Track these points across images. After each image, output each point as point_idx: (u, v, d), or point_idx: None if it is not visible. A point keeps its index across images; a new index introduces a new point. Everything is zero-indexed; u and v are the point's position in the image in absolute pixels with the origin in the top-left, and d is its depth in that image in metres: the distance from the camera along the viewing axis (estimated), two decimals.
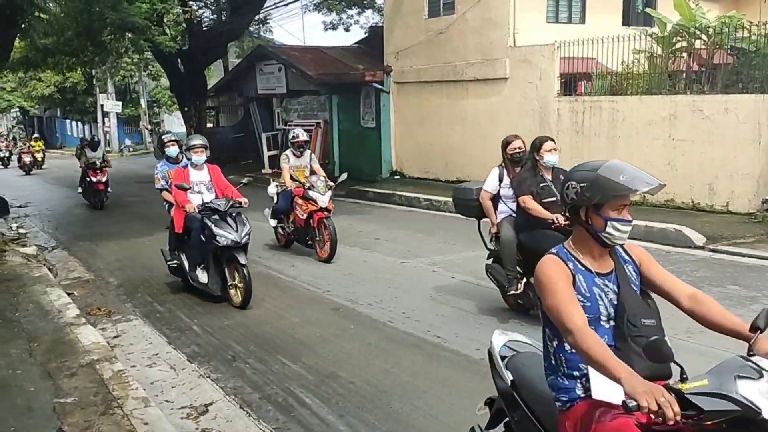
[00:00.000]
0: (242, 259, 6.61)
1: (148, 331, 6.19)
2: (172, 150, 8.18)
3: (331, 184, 8.79)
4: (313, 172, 9.03)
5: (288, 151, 9.17)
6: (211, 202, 6.94)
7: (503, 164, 6.16)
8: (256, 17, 24.30)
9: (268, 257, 9.16)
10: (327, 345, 5.62)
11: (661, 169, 10.82)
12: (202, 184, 7.18)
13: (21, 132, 54.43)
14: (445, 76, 15.22)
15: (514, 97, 13.61)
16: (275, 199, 9.43)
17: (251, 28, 25.65)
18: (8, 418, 4.03)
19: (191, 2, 22.38)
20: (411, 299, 6.80)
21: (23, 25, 11.35)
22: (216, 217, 6.75)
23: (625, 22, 14.82)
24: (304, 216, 8.70)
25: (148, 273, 8.53)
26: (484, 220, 6.38)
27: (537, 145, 5.83)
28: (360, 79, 17.07)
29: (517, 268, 5.91)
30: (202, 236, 6.80)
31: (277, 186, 9.39)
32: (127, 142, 38.39)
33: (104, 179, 14.64)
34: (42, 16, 11.57)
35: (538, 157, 5.79)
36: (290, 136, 9.25)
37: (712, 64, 11.22)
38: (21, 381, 4.60)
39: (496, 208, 6.16)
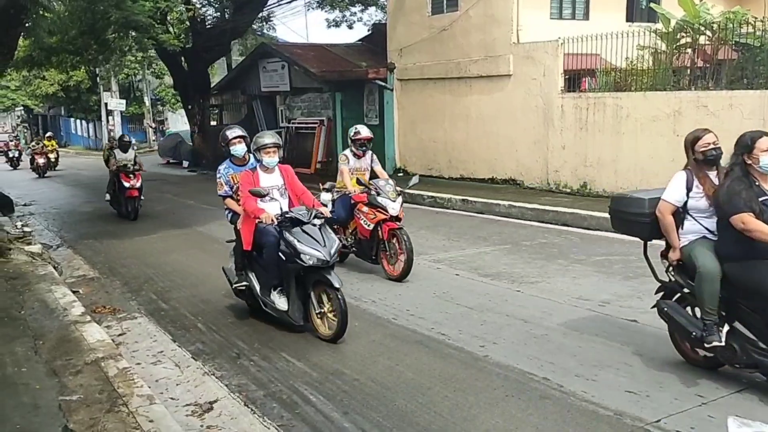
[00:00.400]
0: (335, 282, 5.42)
1: (153, 328, 6.20)
2: (239, 149, 6.59)
3: (400, 189, 7.74)
4: (374, 175, 7.94)
5: (347, 151, 7.96)
6: (290, 211, 5.78)
7: (689, 167, 4.64)
8: (259, 15, 24.32)
9: None
10: (331, 342, 5.62)
11: (666, 166, 10.77)
12: (274, 189, 6.02)
13: (25, 130, 54.61)
14: (449, 73, 15.20)
15: (518, 93, 13.58)
16: (329, 207, 7.93)
17: (254, 26, 25.66)
18: (14, 415, 4.04)
19: (194, 0, 22.40)
20: (415, 296, 6.80)
21: (27, 24, 11.37)
22: (297, 229, 5.62)
23: (629, 18, 14.78)
24: (371, 226, 7.51)
25: (153, 271, 8.54)
26: (656, 241, 4.87)
27: (748, 143, 4.32)
28: (363, 77, 17.07)
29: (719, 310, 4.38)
30: (280, 254, 5.69)
31: (332, 191, 8.03)
32: (132, 140, 38.37)
33: (138, 184, 12.76)
34: (46, 14, 11.59)
35: (750, 160, 4.30)
36: (351, 133, 7.97)
37: (716, 60, 11.18)
38: (27, 379, 4.61)
39: (678, 224, 4.63)
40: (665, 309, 4.68)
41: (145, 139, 39.31)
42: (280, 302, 5.78)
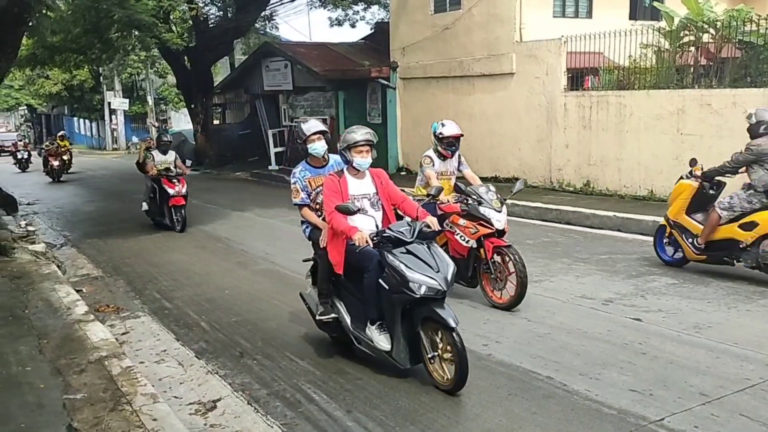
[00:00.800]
0: (449, 320, 4.35)
1: (156, 327, 6.21)
2: (318, 147, 5.31)
3: (503, 196, 6.47)
4: (461, 182, 6.83)
5: (431, 151, 6.83)
6: (389, 228, 4.68)
7: None
8: (262, 14, 24.33)
9: (275, 253, 9.16)
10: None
11: (669, 164, 10.78)
12: (365, 200, 4.93)
13: (29, 130, 54.71)
14: (452, 71, 15.18)
15: (521, 92, 13.57)
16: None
17: (257, 25, 25.69)
18: (19, 414, 4.06)
19: None
20: None
21: (31, 23, 11.38)
22: (402, 250, 4.55)
23: (632, 16, 14.75)
24: (471, 243, 6.28)
25: (156, 270, 8.56)
26: None
27: None
28: (366, 75, 17.07)
29: None
30: (383, 281, 4.58)
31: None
32: (135, 139, 38.52)
33: (184, 191, 11.25)
34: (49, 13, 11.60)
35: None
36: (435, 130, 6.81)
37: (720, 58, 11.15)
38: (31, 378, 4.62)
39: None
40: None
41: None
42: (381, 340, 4.69)
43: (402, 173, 16.88)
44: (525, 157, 13.66)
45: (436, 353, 4.51)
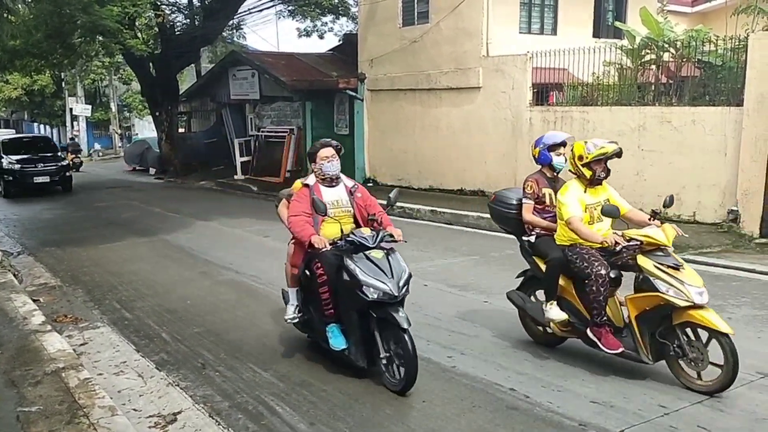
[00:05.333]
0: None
1: (116, 338, 6.08)
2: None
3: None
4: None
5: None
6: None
7: None
8: (230, 23, 24.19)
9: (240, 263, 9.07)
10: (299, 352, 5.58)
11: (631, 179, 11.01)
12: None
13: None
14: (419, 84, 15.30)
15: (487, 106, 13.73)
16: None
17: (225, 34, 25.52)
18: None
19: (164, 6, 22.19)
20: None
21: None
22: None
23: (596, 34, 15.07)
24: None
25: (117, 279, 8.39)
26: None
27: None
28: (334, 86, 17.08)
29: None
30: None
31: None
32: (97, 146, 37.87)
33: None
34: (11, 17, 11.35)
35: None
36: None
37: (680, 77, 11.45)
38: None
39: None
40: None
41: (111, 146, 38.73)
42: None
43: (369, 184, 16.88)
44: (491, 170, 13.80)
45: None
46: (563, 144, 5.51)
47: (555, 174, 5.59)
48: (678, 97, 11.24)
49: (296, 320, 5.34)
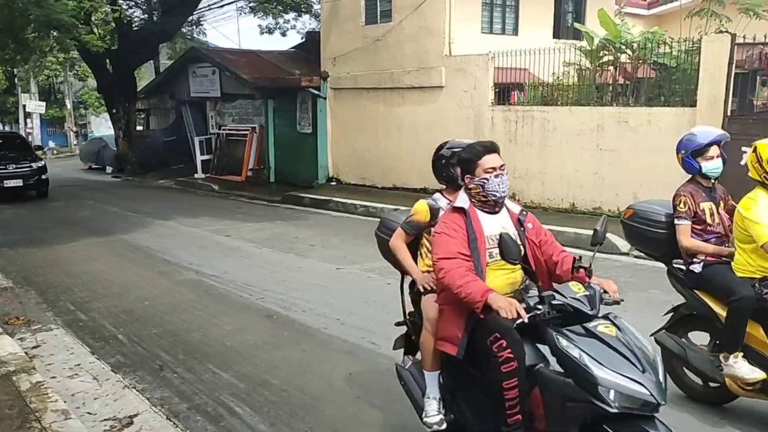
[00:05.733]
0: None
1: (70, 341, 5.91)
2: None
3: None
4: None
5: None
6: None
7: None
8: (189, 18, 23.84)
9: (200, 263, 8.92)
10: (260, 352, 5.51)
11: (590, 178, 11.21)
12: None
13: None
14: (382, 83, 15.29)
15: (450, 105, 13.80)
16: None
17: (184, 30, 25.13)
18: None
19: (121, 1, 21.72)
20: (346, 305, 6.75)
21: None
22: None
23: (556, 35, 15.29)
24: None
25: (72, 280, 8.17)
26: None
27: None
28: (296, 84, 16.96)
29: None
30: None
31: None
32: (51, 144, 36.96)
33: None
34: None
35: None
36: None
37: (636, 78, 11.70)
38: None
39: None
40: None
41: (66, 144, 37.85)
42: None
43: (332, 183, 16.83)
44: None
45: None
46: (711, 144, 4.30)
47: (712, 182, 4.42)
48: (635, 97, 11.48)
49: (444, 426, 3.41)
